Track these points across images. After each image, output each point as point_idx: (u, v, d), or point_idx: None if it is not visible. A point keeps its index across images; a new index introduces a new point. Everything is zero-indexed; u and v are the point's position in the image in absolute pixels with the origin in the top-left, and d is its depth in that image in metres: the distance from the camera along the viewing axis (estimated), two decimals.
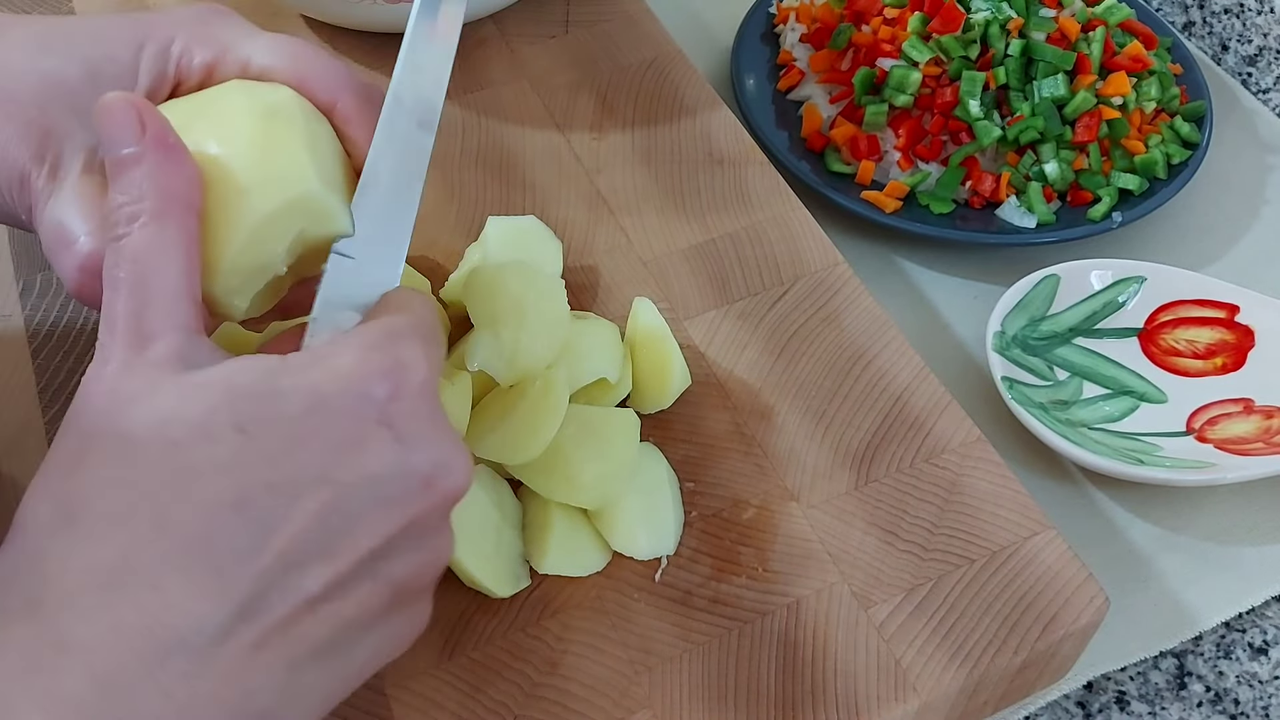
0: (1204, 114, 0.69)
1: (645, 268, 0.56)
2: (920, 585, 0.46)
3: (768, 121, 0.69)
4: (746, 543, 0.47)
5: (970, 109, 0.65)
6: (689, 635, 0.45)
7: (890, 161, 0.67)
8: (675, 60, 0.67)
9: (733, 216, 0.59)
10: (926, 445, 0.50)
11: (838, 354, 0.53)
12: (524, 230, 0.54)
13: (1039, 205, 0.64)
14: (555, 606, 0.45)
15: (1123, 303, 0.60)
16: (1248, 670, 0.52)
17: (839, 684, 0.43)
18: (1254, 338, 0.59)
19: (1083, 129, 0.65)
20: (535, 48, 0.67)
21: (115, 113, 0.35)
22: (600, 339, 0.50)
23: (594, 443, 0.45)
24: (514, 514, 0.47)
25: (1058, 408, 0.57)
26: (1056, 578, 0.46)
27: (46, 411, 0.52)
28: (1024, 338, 0.59)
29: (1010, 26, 0.66)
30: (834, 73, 0.70)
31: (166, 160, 0.35)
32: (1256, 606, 0.53)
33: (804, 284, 0.56)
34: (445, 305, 0.53)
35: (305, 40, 0.43)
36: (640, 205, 0.59)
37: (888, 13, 0.69)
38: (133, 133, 0.35)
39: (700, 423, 0.51)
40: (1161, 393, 0.58)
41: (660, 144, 0.62)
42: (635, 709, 0.43)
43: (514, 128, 0.63)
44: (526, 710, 0.43)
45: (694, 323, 0.54)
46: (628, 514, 0.46)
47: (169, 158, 0.35)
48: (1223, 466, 0.54)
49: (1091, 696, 0.51)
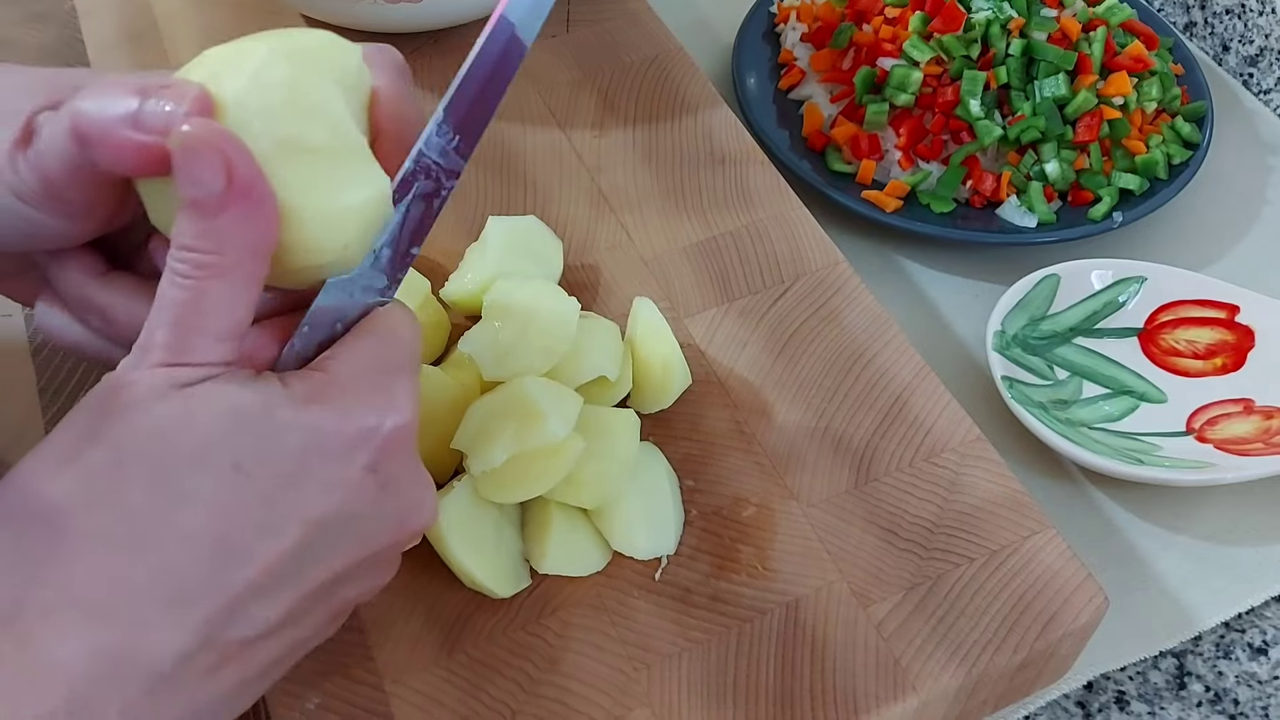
0: (1205, 114, 0.69)
1: (646, 266, 0.56)
2: (919, 584, 0.46)
3: (769, 120, 0.69)
4: (746, 541, 0.47)
5: (971, 108, 0.65)
6: (688, 633, 0.45)
7: (891, 161, 0.67)
8: (677, 59, 0.67)
9: (733, 215, 0.59)
10: (926, 444, 0.50)
11: (838, 353, 0.53)
12: (524, 230, 0.55)
13: (1040, 205, 0.64)
14: (555, 605, 0.46)
15: (1123, 302, 0.60)
16: (1247, 670, 0.52)
17: (838, 682, 0.44)
18: (1254, 338, 0.59)
19: (1084, 129, 0.65)
20: (536, 46, 0.67)
21: (201, 153, 0.32)
22: (600, 337, 0.50)
23: (594, 442, 0.45)
24: (513, 513, 0.47)
25: (1058, 407, 0.57)
26: (1056, 577, 0.46)
27: (47, 410, 0.53)
28: (1024, 337, 0.59)
29: (1011, 26, 0.66)
30: (835, 72, 0.70)
31: (250, 214, 0.33)
32: (1256, 606, 0.53)
33: (804, 283, 0.56)
34: (445, 306, 0.53)
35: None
36: (641, 203, 0.59)
37: (889, 12, 0.69)
38: (218, 180, 0.32)
39: (700, 421, 0.51)
40: (1161, 393, 0.58)
41: (661, 142, 0.62)
42: (634, 706, 0.43)
43: (515, 126, 0.63)
44: (526, 707, 0.43)
45: (694, 321, 0.54)
46: (627, 513, 0.46)
47: (253, 211, 0.33)
48: (1222, 466, 0.54)
49: (1091, 696, 0.51)
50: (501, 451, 0.44)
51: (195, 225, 0.33)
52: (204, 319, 0.33)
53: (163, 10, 0.69)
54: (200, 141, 0.32)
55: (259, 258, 0.34)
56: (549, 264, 0.54)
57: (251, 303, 0.34)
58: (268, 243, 0.34)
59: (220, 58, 0.36)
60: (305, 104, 0.35)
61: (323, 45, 0.37)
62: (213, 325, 0.33)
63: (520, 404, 0.45)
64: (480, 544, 0.45)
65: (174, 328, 0.33)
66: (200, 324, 0.33)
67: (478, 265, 0.53)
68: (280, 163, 0.34)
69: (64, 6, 0.72)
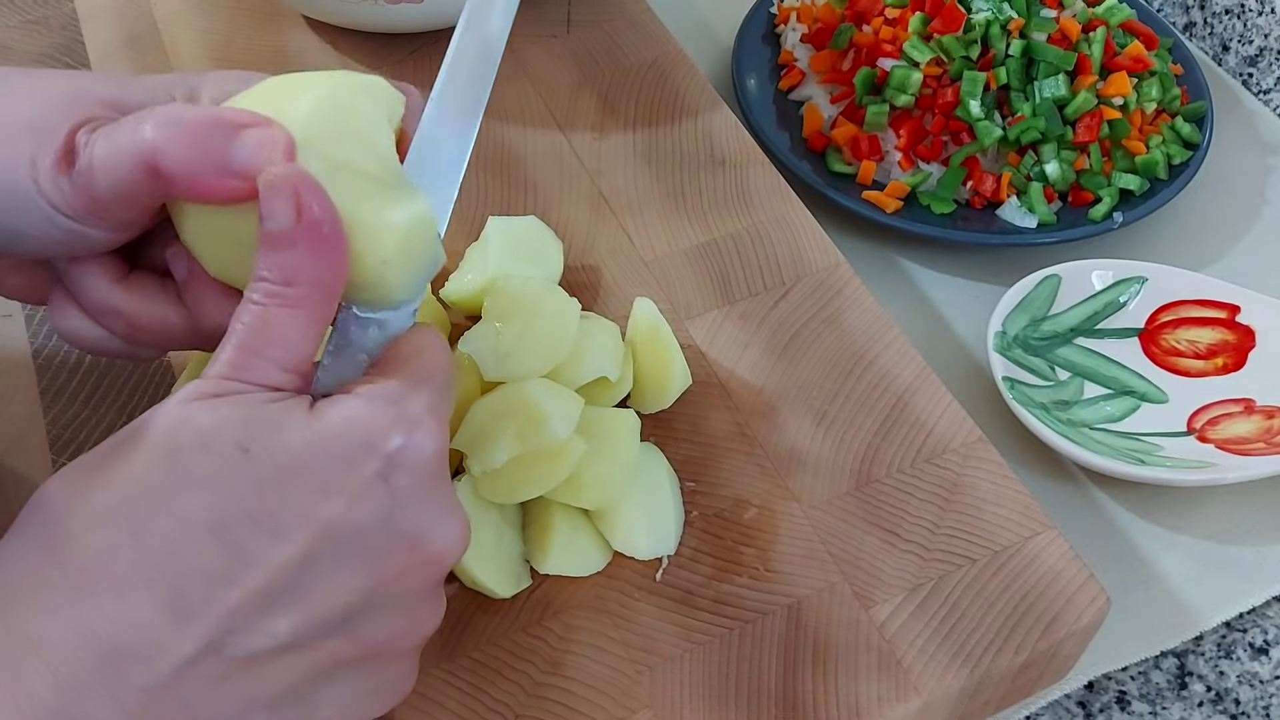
0: (1205, 114, 0.69)
1: (647, 268, 0.56)
2: (921, 585, 0.46)
3: (769, 122, 0.69)
4: (748, 543, 0.47)
5: (971, 109, 0.65)
6: (690, 635, 0.45)
7: (891, 162, 0.67)
8: (677, 60, 0.67)
9: (734, 217, 0.59)
10: (928, 445, 0.50)
11: (839, 354, 0.53)
12: (525, 230, 0.55)
13: (1040, 205, 0.64)
14: (556, 606, 0.46)
15: (1124, 303, 0.60)
16: (1249, 670, 0.52)
17: (840, 684, 0.43)
18: (1255, 338, 0.59)
19: (1084, 129, 0.65)
20: (536, 48, 0.68)
21: (276, 190, 0.34)
22: (601, 338, 0.50)
23: (595, 443, 0.45)
24: (514, 514, 0.47)
25: (1059, 408, 0.57)
26: (1058, 578, 0.46)
27: (47, 411, 0.53)
28: (1025, 338, 0.59)
29: (1011, 27, 0.66)
30: (835, 73, 0.70)
31: (317, 251, 0.35)
32: (1257, 606, 0.53)
33: (805, 284, 0.56)
34: (446, 306, 0.53)
35: None
36: (642, 205, 0.59)
37: (889, 13, 0.69)
38: (289, 216, 0.34)
39: (701, 423, 0.51)
40: (1162, 393, 0.58)
41: (662, 144, 0.62)
42: (637, 709, 0.43)
43: (515, 128, 0.63)
44: (528, 710, 0.43)
45: (695, 323, 0.54)
46: (629, 514, 0.46)
47: (320, 248, 0.35)
48: (1223, 466, 0.54)
49: (1093, 696, 0.51)
50: (502, 452, 0.44)
51: (268, 257, 0.35)
52: (268, 345, 0.34)
53: (162, 13, 0.69)
54: (280, 180, 0.34)
55: (327, 294, 0.35)
56: (549, 265, 0.54)
57: (317, 339, 0.35)
58: (335, 280, 0.35)
59: (280, 85, 0.38)
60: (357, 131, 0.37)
61: (374, 81, 0.39)
62: (276, 353, 0.34)
63: (521, 405, 0.45)
64: (481, 544, 0.45)
65: (238, 349, 0.34)
66: (263, 348, 0.34)
67: (478, 265, 0.53)
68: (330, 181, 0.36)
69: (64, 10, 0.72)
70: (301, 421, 0.34)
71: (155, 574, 0.31)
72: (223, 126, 0.35)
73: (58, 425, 0.52)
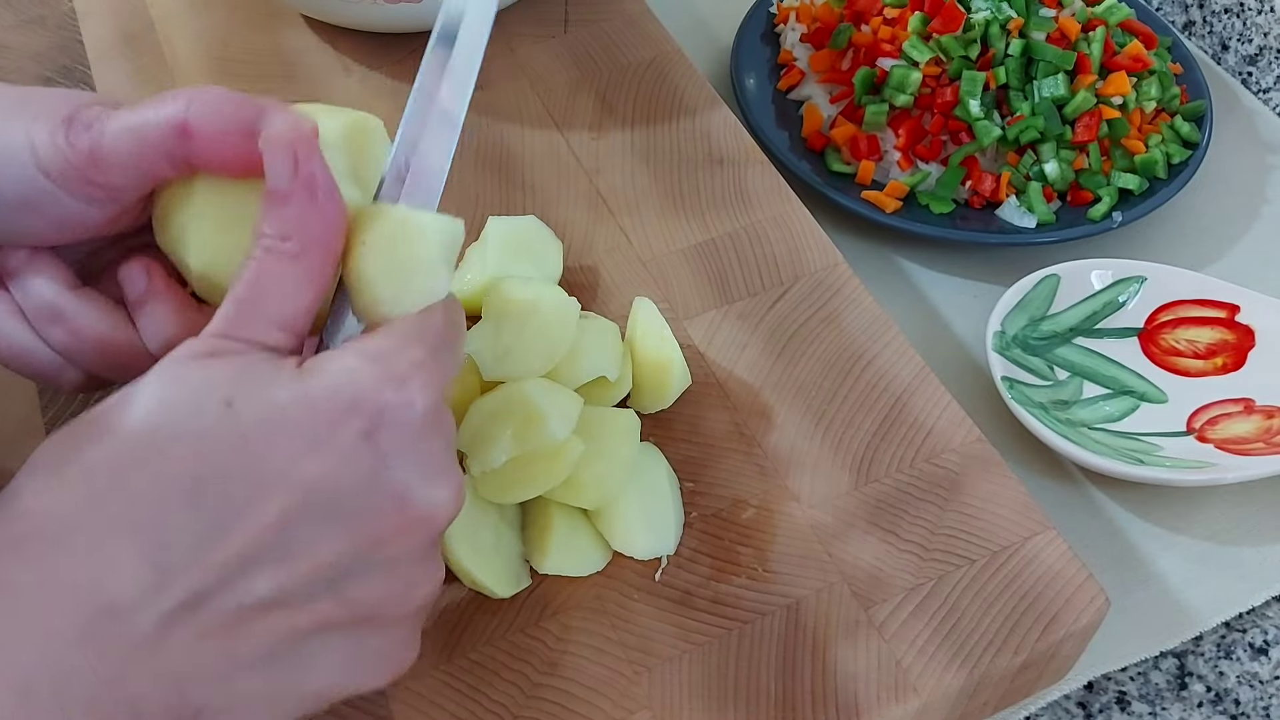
0: (1204, 113, 0.69)
1: (645, 268, 0.56)
2: (921, 585, 0.46)
3: (768, 121, 0.69)
4: (746, 543, 0.47)
5: (970, 109, 0.65)
6: (689, 635, 0.45)
7: (890, 161, 0.67)
8: (675, 60, 0.66)
9: (733, 216, 0.59)
10: (927, 445, 0.50)
11: (838, 354, 0.53)
12: (524, 230, 0.54)
13: (1039, 205, 0.64)
14: (555, 607, 0.45)
15: (1123, 302, 0.60)
16: (1248, 670, 0.51)
17: (839, 684, 0.43)
18: (1254, 338, 0.59)
19: (1083, 129, 0.65)
20: (535, 47, 0.67)
21: (275, 148, 0.36)
22: (600, 338, 0.50)
23: (594, 442, 0.45)
24: (513, 514, 0.47)
25: (1058, 408, 0.56)
26: (1057, 578, 0.46)
27: (46, 411, 0.52)
28: (1024, 337, 0.59)
29: (1010, 26, 0.66)
30: (834, 72, 0.70)
31: (312, 206, 0.36)
32: (1257, 606, 0.53)
33: (804, 284, 0.56)
34: None
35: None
36: (640, 205, 0.59)
37: (888, 12, 0.69)
38: (286, 172, 0.35)
39: (700, 423, 0.51)
40: (1162, 393, 0.58)
41: (660, 144, 0.62)
42: (635, 709, 0.43)
43: (513, 127, 0.63)
44: (526, 711, 0.43)
45: (694, 323, 0.54)
46: (627, 514, 0.46)
47: (314, 203, 0.36)
48: (1223, 466, 0.54)
49: (1092, 697, 0.51)
50: (501, 452, 0.44)
51: (268, 215, 0.36)
52: (264, 298, 0.35)
53: (159, 12, 0.69)
54: (280, 136, 0.36)
55: (324, 251, 0.36)
56: (548, 264, 0.54)
57: (314, 299, 0.36)
58: (331, 237, 0.36)
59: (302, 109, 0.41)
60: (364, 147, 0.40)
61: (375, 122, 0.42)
62: (272, 307, 0.35)
63: (520, 405, 0.44)
64: (480, 544, 0.45)
65: (235, 303, 0.35)
66: (260, 302, 0.35)
67: (477, 265, 0.53)
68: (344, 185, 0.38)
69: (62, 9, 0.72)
70: (289, 378, 0.34)
71: (135, 528, 0.31)
72: (255, 103, 0.37)
73: (56, 425, 0.52)
